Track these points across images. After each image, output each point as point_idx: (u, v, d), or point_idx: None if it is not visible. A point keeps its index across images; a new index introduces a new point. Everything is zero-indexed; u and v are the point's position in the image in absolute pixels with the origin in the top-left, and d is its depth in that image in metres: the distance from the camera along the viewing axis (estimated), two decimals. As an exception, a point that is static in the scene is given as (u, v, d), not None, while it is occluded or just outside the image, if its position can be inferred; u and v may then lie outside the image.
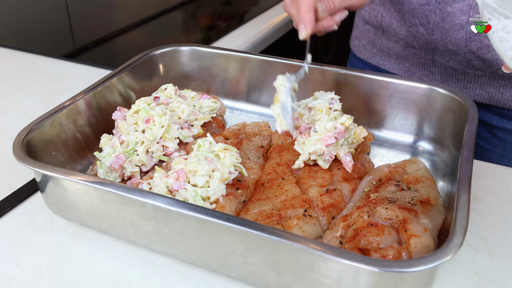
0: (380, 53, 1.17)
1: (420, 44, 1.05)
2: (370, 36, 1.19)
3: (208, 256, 0.67)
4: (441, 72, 1.06)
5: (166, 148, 0.88)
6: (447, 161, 0.87)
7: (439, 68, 1.06)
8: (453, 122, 0.87)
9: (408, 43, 1.08)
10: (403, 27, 1.06)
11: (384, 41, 1.14)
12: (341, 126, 0.83)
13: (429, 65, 1.08)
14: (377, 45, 1.17)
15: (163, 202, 0.64)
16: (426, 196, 0.76)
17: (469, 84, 1.04)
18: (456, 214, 0.61)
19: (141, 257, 0.74)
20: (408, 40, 1.07)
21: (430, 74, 1.09)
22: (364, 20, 1.19)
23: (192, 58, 1.09)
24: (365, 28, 1.20)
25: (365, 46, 1.22)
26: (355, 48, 1.26)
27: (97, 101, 0.93)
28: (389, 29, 1.09)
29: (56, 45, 1.55)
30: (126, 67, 1.00)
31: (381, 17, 1.11)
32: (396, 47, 1.12)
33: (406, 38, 1.07)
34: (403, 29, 1.06)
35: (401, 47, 1.11)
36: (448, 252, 0.55)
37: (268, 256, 0.61)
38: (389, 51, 1.14)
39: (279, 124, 0.83)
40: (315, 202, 0.78)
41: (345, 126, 0.83)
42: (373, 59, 1.20)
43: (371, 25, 1.17)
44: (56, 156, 0.84)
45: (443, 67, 1.05)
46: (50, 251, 0.75)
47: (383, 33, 1.13)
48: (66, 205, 0.75)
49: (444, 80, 1.07)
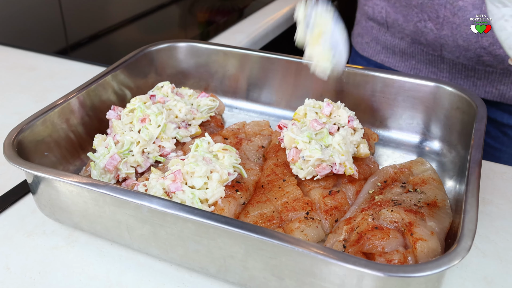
0: (384, 51, 1.17)
1: (428, 40, 1.05)
2: (373, 33, 1.19)
3: (206, 261, 0.67)
4: (449, 69, 1.07)
5: (162, 149, 0.89)
6: (455, 162, 0.88)
7: (447, 65, 1.06)
8: (461, 121, 0.87)
9: (415, 39, 1.08)
10: (410, 22, 1.06)
11: (388, 38, 1.15)
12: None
13: (437, 62, 1.08)
14: (381, 42, 1.17)
15: (160, 204, 0.64)
16: (433, 198, 0.76)
17: (479, 82, 1.04)
18: (464, 217, 0.61)
19: (137, 262, 0.74)
20: (415, 36, 1.07)
21: (438, 71, 1.09)
22: (367, 16, 1.19)
23: (189, 55, 1.09)
24: (368, 25, 1.20)
25: (368, 43, 1.22)
26: (358, 45, 1.26)
27: (90, 99, 0.93)
28: (394, 25, 1.10)
29: (48, 41, 1.55)
30: (121, 64, 1.00)
31: (386, 13, 1.11)
32: (402, 43, 1.12)
33: (412, 34, 1.07)
34: (409, 25, 1.06)
35: (407, 44, 1.11)
36: (455, 256, 0.55)
37: (269, 261, 0.61)
38: (394, 48, 1.14)
39: (326, 63, 0.68)
40: (318, 204, 0.78)
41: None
42: (377, 56, 1.20)
43: (375, 21, 1.17)
44: (48, 157, 0.84)
45: (452, 64, 1.05)
46: (41, 255, 0.75)
47: (388, 29, 1.13)
48: (58, 207, 0.75)
49: (453, 77, 1.07)
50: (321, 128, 0.84)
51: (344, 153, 0.80)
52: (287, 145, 0.83)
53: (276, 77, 1.03)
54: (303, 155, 0.79)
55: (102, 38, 1.59)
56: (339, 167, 0.79)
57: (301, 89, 1.02)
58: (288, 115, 1.04)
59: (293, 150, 0.81)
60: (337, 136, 0.81)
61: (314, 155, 0.78)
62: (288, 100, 1.05)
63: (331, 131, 0.84)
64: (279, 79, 1.04)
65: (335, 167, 0.79)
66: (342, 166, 0.79)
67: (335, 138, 0.81)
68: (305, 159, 0.79)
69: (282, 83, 1.04)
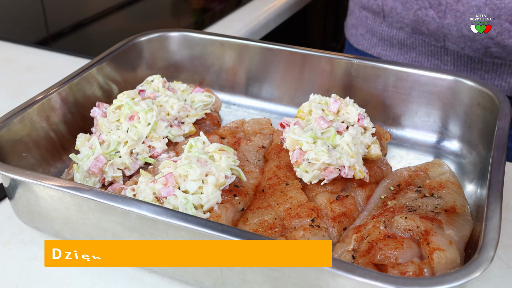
0: (381, 43, 1.17)
1: (429, 30, 1.04)
2: (368, 24, 1.18)
3: (201, 273, 0.66)
4: (454, 62, 1.06)
5: (152, 149, 0.89)
6: (476, 164, 0.87)
7: (451, 57, 1.06)
8: (482, 118, 0.87)
9: (415, 29, 1.07)
10: (409, 10, 1.05)
11: (385, 29, 1.14)
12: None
13: (440, 53, 1.07)
14: (377, 33, 1.17)
15: (149, 210, 0.64)
16: (451, 203, 0.76)
17: (487, 75, 1.04)
18: (486, 225, 0.61)
19: (124, 274, 0.73)
20: (415, 26, 1.07)
21: (441, 64, 1.09)
22: (361, 4, 1.18)
23: (182, 46, 1.09)
24: (362, 15, 1.19)
25: (363, 35, 1.21)
26: (352, 37, 1.25)
27: (73, 95, 0.93)
28: (392, 13, 1.09)
29: (26, 30, 1.55)
30: (106, 55, 0.99)
31: (382, 0, 1.10)
32: (401, 34, 1.11)
33: (412, 24, 1.07)
34: (409, 13, 1.06)
35: (406, 35, 1.10)
36: (477, 268, 0.55)
37: (270, 273, 0.61)
38: (392, 40, 1.14)
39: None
40: (324, 210, 0.78)
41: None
42: (373, 49, 1.19)
43: (370, 10, 1.16)
44: (26, 158, 0.84)
45: (457, 56, 1.05)
46: (19, 267, 0.75)
47: (384, 19, 1.12)
48: (37, 214, 0.75)
49: (458, 70, 1.07)
50: (328, 127, 0.83)
51: (353, 155, 0.80)
52: (290, 148, 0.83)
53: (278, 70, 1.03)
54: (308, 157, 0.79)
55: (86, 27, 1.59)
56: (348, 171, 0.79)
57: (306, 84, 1.02)
58: (291, 112, 1.04)
59: (297, 151, 0.81)
60: (346, 135, 0.81)
61: (321, 158, 0.78)
62: (292, 95, 1.05)
63: (339, 130, 0.84)
64: (282, 73, 1.03)
65: (343, 171, 0.79)
66: (351, 170, 0.79)
67: (343, 138, 0.81)
68: (310, 161, 0.79)
69: (284, 77, 1.04)
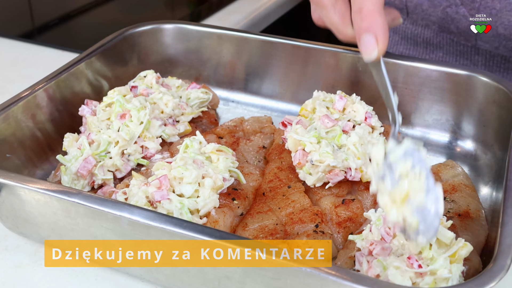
0: (403, 41, 1.17)
1: (459, 29, 1.04)
2: None
3: (197, 282, 0.67)
4: (485, 62, 1.06)
5: (145, 150, 0.89)
6: (491, 165, 0.88)
7: (483, 57, 1.06)
8: (498, 117, 0.87)
9: (442, 27, 1.07)
10: (437, 7, 1.05)
11: (409, 26, 1.14)
12: None
13: (470, 53, 1.07)
14: (400, 31, 1.16)
15: (142, 215, 0.64)
16: (465, 207, 0.76)
17: None
18: (502, 230, 0.61)
19: (115, 283, 0.74)
20: (443, 24, 1.06)
21: (471, 64, 1.08)
22: None
23: (177, 39, 1.09)
24: None
25: None
26: None
27: (61, 91, 0.93)
28: (417, 10, 1.09)
29: (10, 22, 1.55)
30: (96, 49, 0.99)
31: None
32: (426, 32, 1.11)
33: (440, 21, 1.06)
34: (437, 10, 1.05)
35: (433, 33, 1.10)
36: (492, 277, 0.55)
37: (271, 282, 0.61)
38: (416, 38, 1.13)
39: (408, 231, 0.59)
40: (329, 215, 0.78)
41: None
42: (395, 48, 1.19)
43: (392, 6, 1.16)
44: (10, 159, 0.84)
45: (489, 56, 1.04)
46: (3, 275, 0.75)
47: (408, 15, 1.12)
48: (23, 219, 0.75)
49: (490, 71, 1.07)
50: (333, 126, 0.83)
51: (360, 156, 0.80)
52: (292, 149, 0.83)
53: (279, 65, 1.04)
54: (312, 159, 0.79)
55: (74, 19, 1.59)
56: (354, 173, 0.79)
57: (309, 80, 1.02)
58: (294, 109, 1.04)
59: (299, 152, 0.81)
60: (353, 135, 0.81)
61: (325, 160, 0.78)
62: (294, 92, 1.05)
63: (345, 130, 0.84)
64: (284, 68, 1.04)
65: (349, 173, 0.79)
66: (358, 172, 0.79)
67: (350, 138, 0.81)
68: (314, 163, 0.79)
69: (286, 72, 1.04)
